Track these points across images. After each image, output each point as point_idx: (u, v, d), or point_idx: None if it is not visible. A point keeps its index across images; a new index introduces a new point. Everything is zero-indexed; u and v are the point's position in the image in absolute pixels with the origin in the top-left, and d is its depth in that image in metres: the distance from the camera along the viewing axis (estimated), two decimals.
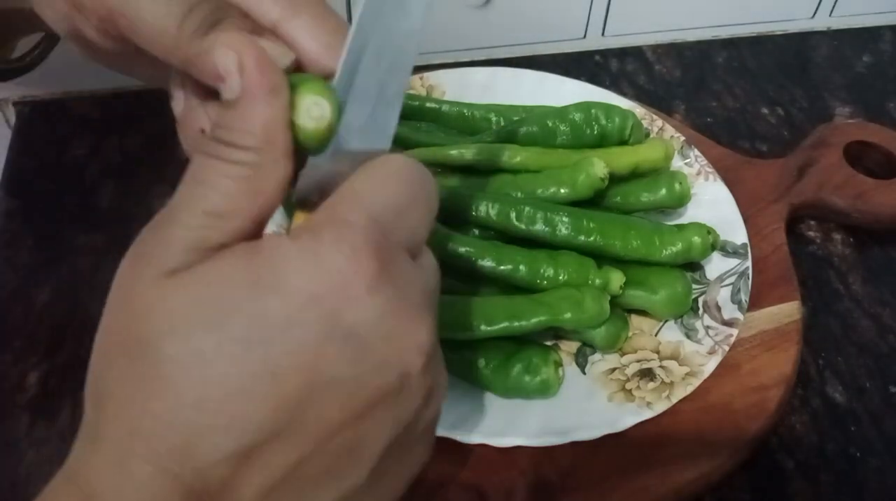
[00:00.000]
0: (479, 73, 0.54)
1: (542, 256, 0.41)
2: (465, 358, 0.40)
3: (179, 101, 0.30)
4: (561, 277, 0.40)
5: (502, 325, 0.39)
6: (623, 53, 0.65)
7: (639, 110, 0.52)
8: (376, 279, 0.23)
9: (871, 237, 0.51)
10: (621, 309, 0.42)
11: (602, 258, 0.42)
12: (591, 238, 0.42)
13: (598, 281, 0.40)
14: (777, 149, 0.57)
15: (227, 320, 0.22)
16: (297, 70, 0.28)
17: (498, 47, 0.64)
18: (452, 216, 0.43)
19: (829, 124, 0.56)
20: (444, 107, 0.51)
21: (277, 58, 0.27)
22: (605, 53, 0.65)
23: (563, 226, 0.42)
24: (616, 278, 0.41)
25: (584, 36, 0.65)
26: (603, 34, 0.65)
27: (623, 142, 0.48)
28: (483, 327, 0.39)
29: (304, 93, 0.24)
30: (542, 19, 0.63)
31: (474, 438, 0.37)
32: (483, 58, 0.62)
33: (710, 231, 0.43)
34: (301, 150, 0.25)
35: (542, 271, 0.41)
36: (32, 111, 0.58)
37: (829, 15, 0.68)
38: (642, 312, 0.43)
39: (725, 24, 0.66)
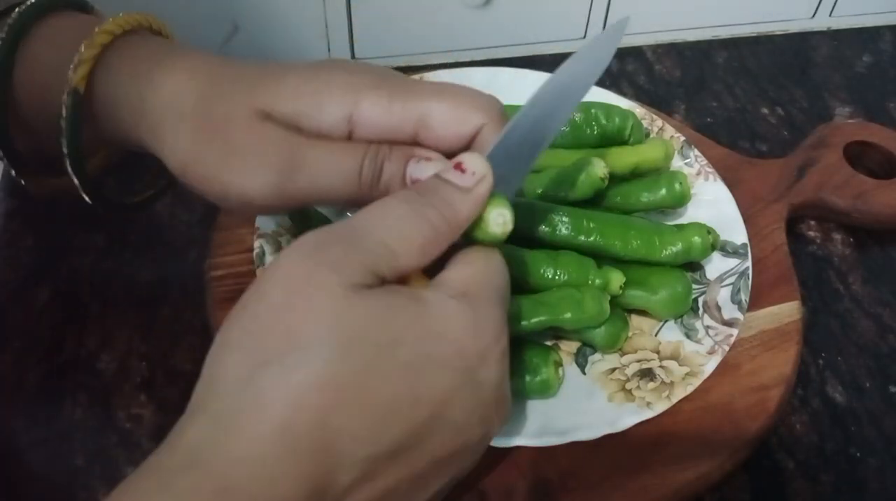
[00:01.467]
0: (479, 73, 0.54)
1: (541, 256, 0.41)
2: None
3: None
4: (560, 277, 0.40)
5: None
6: (623, 53, 0.65)
7: (639, 110, 0.52)
8: (504, 352, 0.29)
9: (871, 237, 0.51)
10: (621, 310, 0.42)
11: (602, 258, 0.42)
12: (591, 238, 0.42)
13: (598, 282, 0.40)
14: (777, 149, 0.57)
15: (396, 344, 0.26)
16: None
17: (498, 47, 0.64)
18: None
19: (830, 124, 0.56)
20: None
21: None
22: None
23: (563, 226, 0.42)
24: (616, 278, 0.41)
25: (584, 36, 0.65)
26: None
27: (623, 143, 0.48)
28: None
29: (497, 205, 0.31)
30: (542, 19, 0.63)
31: (502, 442, 0.36)
32: (483, 58, 0.63)
33: (710, 231, 0.43)
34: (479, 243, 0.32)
35: (541, 271, 0.41)
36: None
37: (829, 15, 0.68)
38: (642, 312, 0.43)
39: (725, 24, 0.66)
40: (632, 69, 0.64)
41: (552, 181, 0.44)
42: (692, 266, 0.44)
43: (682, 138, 0.50)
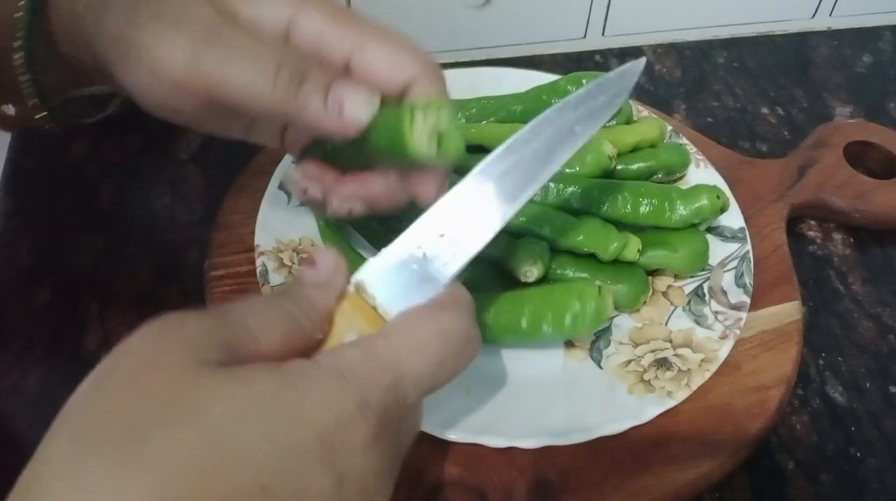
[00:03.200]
0: (462, 74, 0.55)
1: (565, 216, 0.42)
2: (512, 314, 0.40)
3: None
4: (580, 237, 0.42)
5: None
6: (623, 53, 0.65)
7: (644, 112, 0.52)
8: (371, 441, 0.25)
9: (871, 237, 0.51)
10: (643, 271, 0.43)
11: (616, 225, 0.43)
12: (604, 207, 0.43)
13: (616, 245, 0.41)
14: (777, 148, 0.57)
15: (242, 426, 0.23)
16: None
17: (498, 47, 0.64)
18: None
19: (830, 124, 0.56)
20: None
21: (368, 100, 0.30)
22: (606, 53, 0.65)
23: (575, 198, 0.44)
24: (634, 242, 0.42)
25: (584, 36, 0.65)
26: (603, 34, 0.65)
27: (618, 111, 0.49)
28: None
29: (427, 110, 0.28)
30: (542, 19, 0.63)
31: (501, 442, 0.37)
32: (483, 58, 0.63)
33: (719, 195, 0.44)
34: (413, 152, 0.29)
35: (566, 235, 0.42)
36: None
37: (830, 15, 0.68)
38: (648, 302, 0.44)
39: (725, 24, 0.66)
40: None
41: None
42: None
43: (670, 127, 0.52)
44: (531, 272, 0.41)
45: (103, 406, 0.23)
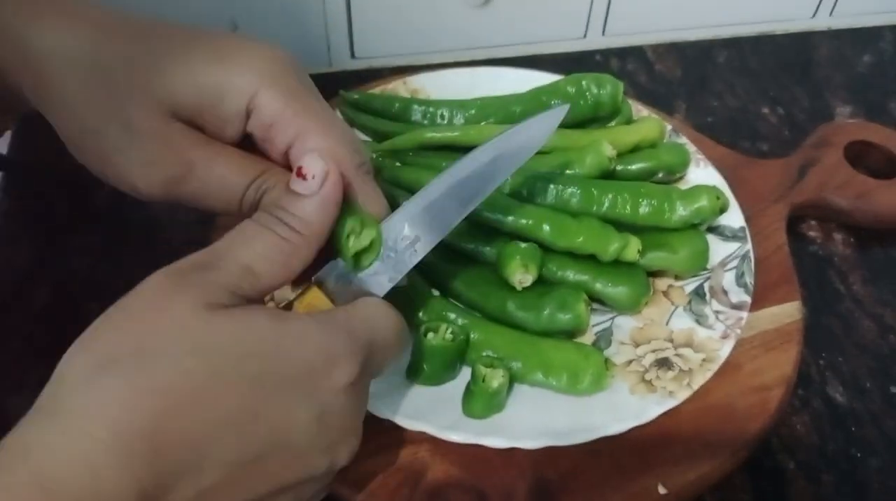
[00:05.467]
0: (462, 74, 0.55)
1: (564, 217, 0.42)
2: (497, 302, 0.41)
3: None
4: (580, 238, 0.41)
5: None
6: (624, 53, 0.65)
7: (644, 111, 0.52)
8: (349, 385, 0.29)
9: (872, 237, 0.51)
10: (644, 272, 0.43)
11: (616, 226, 0.43)
12: (604, 207, 0.43)
13: (616, 246, 0.41)
14: (778, 148, 0.57)
15: (243, 358, 0.27)
16: None
17: (498, 47, 0.64)
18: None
19: (830, 124, 0.56)
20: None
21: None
22: (606, 53, 0.65)
23: (574, 198, 0.43)
24: (634, 243, 0.42)
25: (585, 35, 0.65)
26: (603, 33, 0.65)
27: (617, 110, 0.50)
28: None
29: (362, 226, 0.32)
30: (542, 19, 0.63)
31: (502, 443, 0.37)
32: (483, 57, 0.62)
33: (719, 195, 0.44)
34: (343, 259, 0.32)
35: (565, 234, 0.42)
36: (32, 111, 0.58)
37: (830, 15, 0.68)
38: (649, 302, 0.43)
39: (726, 23, 0.66)
40: (633, 68, 0.64)
41: (560, 163, 0.45)
42: None
43: (670, 127, 0.51)
44: (525, 279, 0.40)
45: (115, 336, 0.26)
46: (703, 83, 0.63)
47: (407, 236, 0.34)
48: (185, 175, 0.33)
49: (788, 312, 0.43)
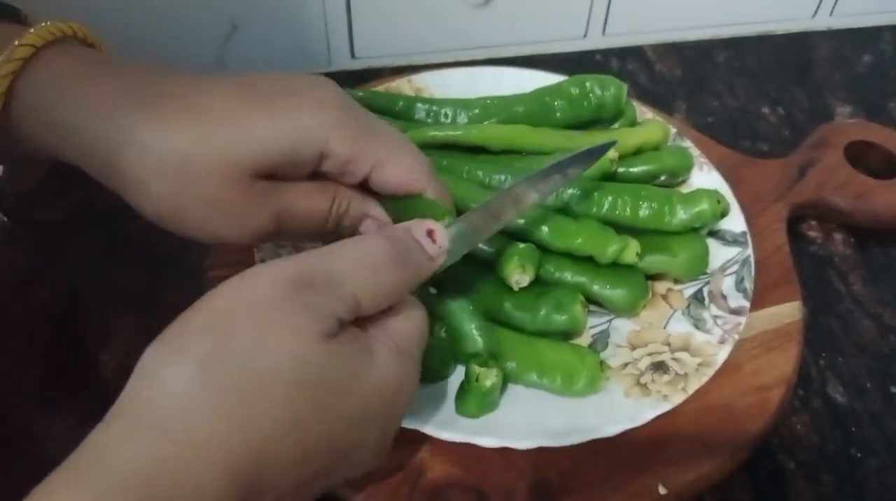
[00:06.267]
0: (463, 74, 0.55)
1: (563, 218, 0.42)
2: (494, 301, 0.41)
3: None
4: (579, 240, 0.41)
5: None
6: (624, 53, 0.65)
7: (648, 114, 0.52)
8: (409, 407, 0.32)
9: (872, 237, 0.51)
10: (642, 275, 0.43)
11: (616, 228, 0.43)
12: (603, 209, 0.43)
13: (614, 248, 0.41)
14: (778, 148, 0.57)
15: (343, 394, 0.28)
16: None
17: (498, 47, 0.64)
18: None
19: (830, 124, 0.56)
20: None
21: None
22: (606, 53, 0.65)
23: (574, 200, 0.43)
24: (633, 246, 0.42)
25: (585, 35, 0.65)
26: (603, 33, 0.65)
27: (620, 112, 0.49)
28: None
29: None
30: (542, 19, 0.63)
31: (494, 442, 0.37)
32: (483, 57, 0.62)
33: (720, 199, 0.44)
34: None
35: (564, 237, 0.42)
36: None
37: (830, 15, 0.67)
38: (647, 305, 0.43)
39: (726, 23, 0.66)
40: (633, 68, 0.64)
41: None
42: None
43: (674, 130, 0.51)
44: (522, 279, 0.40)
45: (229, 350, 0.26)
46: (702, 83, 0.63)
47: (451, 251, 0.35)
48: (276, 225, 0.35)
49: (788, 312, 0.43)
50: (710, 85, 0.62)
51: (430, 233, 0.33)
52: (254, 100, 0.33)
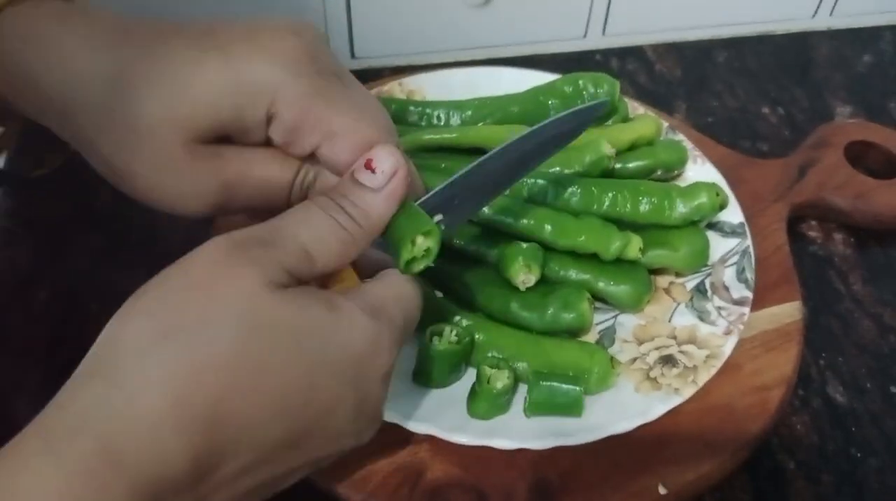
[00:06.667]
0: (460, 74, 0.55)
1: (565, 216, 0.42)
2: (501, 302, 0.41)
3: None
4: (582, 238, 0.42)
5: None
6: (624, 53, 0.65)
7: (640, 110, 0.52)
8: (386, 374, 0.30)
9: (872, 237, 0.51)
10: (645, 270, 0.43)
11: (617, 225, 0.43)
12: (604, 206, 0.43)
13: (618, 244, 0.41)
14: (778, 148, 0.57)
15: (300, 343, 0.27)
16: None
17: (498, 47, 0.64)
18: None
19: (830, 124, 0.56)
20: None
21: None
22: (606, 53, 0.65)
23: (575, 198, 0.44)
24: (635, 241, 0.42)
25: (585, 35, 0.65)
26: (603, 33, 0.65)
27: (614, 109, 0.50)
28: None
29: (421, 232, 0.32)
30: (542, 19, 0.63)
31: (509, 444, 0.37)
32: (483, 57, 0.62)
33: (718, 192, 0.44)
34: (394, 259, 0.32)
35: (567, 233, 0.42)
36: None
37: (830, 15, 0.67)
38: (651, 300, 0.44)
39: (726, 23, 0.66)
40: (632, 68, 0.64)
41: (559, 163, 0.45)
42: None
43: (666, 124, 0.51)
44: (528, 279, 0.41)
45: (179, 304, 0.26)
46: (702, 83, 0.63)
47: (437, 220, 0.33)
48: (226, 195, 0.32)
49: (788, 312, 0.43)
50: (710, 85, 0.62)
51: (368, 165, 0.31)
52: (208, 48, 0.31)
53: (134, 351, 0.25)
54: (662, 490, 0.36)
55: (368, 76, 0.58)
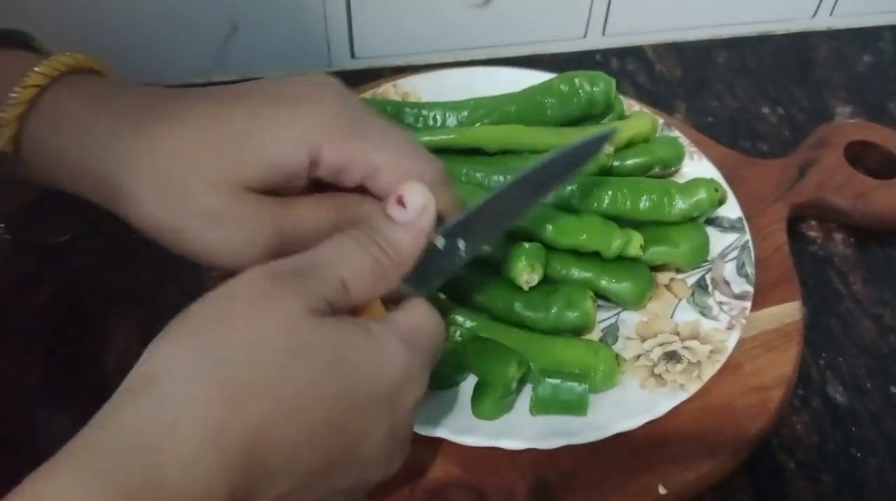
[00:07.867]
0: (456, 74, 0.55)
1: (566, 215, 0.42)
2: (504, 302, 0.41)
3: None
4: (583, 236, 0.42)
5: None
6: (624, 53, 0.65)
7: (635, 107, 0.52)
8: (417, 403, 0.31)
9: (871, 237, 0.51)
10: (646, 267, 0.43)
11: (617, 222, 0.43)
12: (604, 204, 0.43)
13: (619, 242, 0.41)
14: (778, 148, 0.57)
15: (339, 369, 0.28)
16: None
17: (497, 47, 0.64)
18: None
19: (830, 124, 0.56)
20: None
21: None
22: (606, 53, 0.65)
23: (575, 196, 0.44)
24: (636, 239, 0.42)
25: (585, 35, 0.65)
26: (603, 33, 0.65)
27: (610, 107, 0.50)
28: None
29: None
30: (542, 19, 0.63)
31: (516, 445, 0.37)
32: (483, 57, 0.62)
33: (717, 187, 0.44)
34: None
35: (567, 232, 0.42)
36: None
37: (830, 15, 0.67)
38: (652, 296, 0.44)
39: (726, 23, 0.66)
40: (632, 68, 0.64)
41: None
42: None
43: (662, 121, 0.51)
44: (531, 279, 0.41)
45: (223, 329, 0.27)
46: (702, 83, 0.63)
47: (459, 246, 0.35)
48: (276, 242, 0.33)
49: (788, 312, 0.43)
50: (710, 85, 0.62)
51: (399, 201, 0.32)
52: (245, 112, 0.33)
53: (180, 373, 0.25)
54: (662, 490, 0.36)
55: (368, 76, 0.58)
